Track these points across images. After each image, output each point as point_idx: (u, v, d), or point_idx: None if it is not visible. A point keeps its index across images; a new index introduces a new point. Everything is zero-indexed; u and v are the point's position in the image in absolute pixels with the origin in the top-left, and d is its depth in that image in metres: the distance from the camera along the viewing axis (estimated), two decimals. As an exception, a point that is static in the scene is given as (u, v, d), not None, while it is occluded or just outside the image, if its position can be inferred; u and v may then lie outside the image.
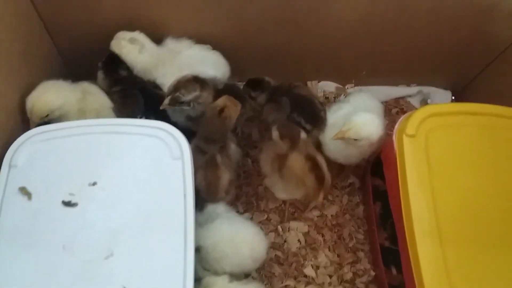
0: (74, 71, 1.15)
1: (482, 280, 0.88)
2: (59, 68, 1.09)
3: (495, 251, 0.90)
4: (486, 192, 0.95)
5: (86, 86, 1.11)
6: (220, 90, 1.12)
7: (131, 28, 1.12)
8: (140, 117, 1.07)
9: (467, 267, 0.88)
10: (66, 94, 1.04)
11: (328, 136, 1.12)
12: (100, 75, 1.15)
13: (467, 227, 0.91)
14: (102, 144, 0.90)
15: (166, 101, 1.02)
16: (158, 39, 1.15)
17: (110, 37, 1.12)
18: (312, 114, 1.13)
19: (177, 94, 1.03)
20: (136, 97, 1.11)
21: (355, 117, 1.05)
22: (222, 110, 1.03)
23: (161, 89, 1.12)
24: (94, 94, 1.11)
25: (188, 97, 1.04)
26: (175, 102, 1.04)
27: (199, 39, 1.18)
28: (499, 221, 0.92)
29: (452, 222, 0.91)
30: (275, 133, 1.06)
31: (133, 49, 1.10)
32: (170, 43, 1.16)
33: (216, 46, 1.20)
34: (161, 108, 1.02)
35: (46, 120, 1.00)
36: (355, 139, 1.04)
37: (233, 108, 1.04)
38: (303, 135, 1.06)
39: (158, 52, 1.14)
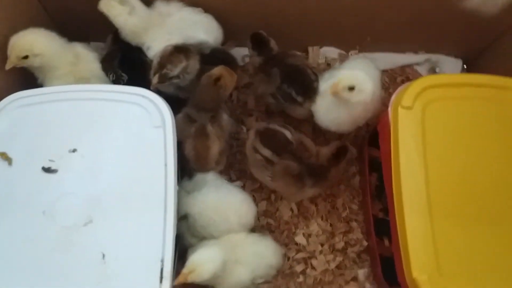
0: (64, 32, 1.12)
1: (471, 257, 0.87)
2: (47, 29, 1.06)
3: (485, 227, 0.88)
4: (483, 168, 0.92)
5: (80, 50, 1.08)
6: (207, 54, 1.08)
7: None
8: (110, 74, 1.06)
9: (456, 243, 0.87)
10: (54, 46, 1.02)
11: (319, 105, 1.08)
12: (109, 39, 1.15)
13: (460, 203, 0.90)
14: (82, 111, 0.89)
15: (155, 79, 0.99)
16: (147, 2, 1.11)
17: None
18: (304, 86, 1.08)
19: (164, 71, 1.00)
20: (112, 56, 1.09)
21: (344, 71, 1.02)
22: (218, 79, 1.00)
23: (146, 56, 1.09)
24: (87, 61, 1.08)
25: (176, 71, 1.01)
26: (164, 79, 1.01)
27: (191, 2, 1.13)
28: (494, 199, 0.90)
29: (444, 198, 0.90)
30: (258, 145, 1.02)
31: (123, 10, 1.05)
32: (160, 6, 1.12)
33: (209, 9, 1.15)
34: (151, 88, 0.98)
35: (25, 65, 0.99)
36: (350, 89, 0.97)
37: (229, 78, 1.02)
38: (289, 135, 1.03)
39: (148, 15, 1.09)
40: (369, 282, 1.17)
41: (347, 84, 0.97)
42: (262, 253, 1.00)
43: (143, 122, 0.87)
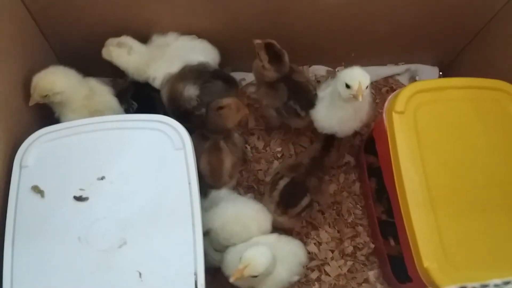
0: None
1: (473, 243, 0.94)
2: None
3: (484, 215, 0.96)
4: (473, 161, 1.00)
5: (94, 84, 1.14)
6: (210, 72, 1.17)
7: (124, 29, 1.16)
8: (124, 106, 1.15)
9: (459, 232, 0.94)
10: (72, 83, 1.07)
11: (320, 110, 1.14)
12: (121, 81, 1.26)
13: (458, 195, 0.97)
14: (107, 140, 0.94)
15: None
16: (144, 39, 1.20)
17: (104, 38, 1.15)
18: (307, 102, 1.17)
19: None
20: (126, 90, 1.18)
21: (346, 71, 1.03)
22: (221, 107, 1.06)
23: (154, 89, 1.18)
24: (101, 94, 1.14)
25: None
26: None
27: (191, 34, 1.21)
28: (486, 187, 0.98)
29: (443, 191, 0.97)
30: None
31: (122, 52, 1.14)
32: (157, 39, 1.20)
33: (207, 39, 1.23)
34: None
35: (46, 101, 1.04)
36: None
37: (233, 112, 1.07)
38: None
39: (147, 51, 1.18)
40: (379, 282, 1.23)
41: (366, 85, 1.00)
42: (296, 252, 1.05)
43: (165, 146, 0.93)
